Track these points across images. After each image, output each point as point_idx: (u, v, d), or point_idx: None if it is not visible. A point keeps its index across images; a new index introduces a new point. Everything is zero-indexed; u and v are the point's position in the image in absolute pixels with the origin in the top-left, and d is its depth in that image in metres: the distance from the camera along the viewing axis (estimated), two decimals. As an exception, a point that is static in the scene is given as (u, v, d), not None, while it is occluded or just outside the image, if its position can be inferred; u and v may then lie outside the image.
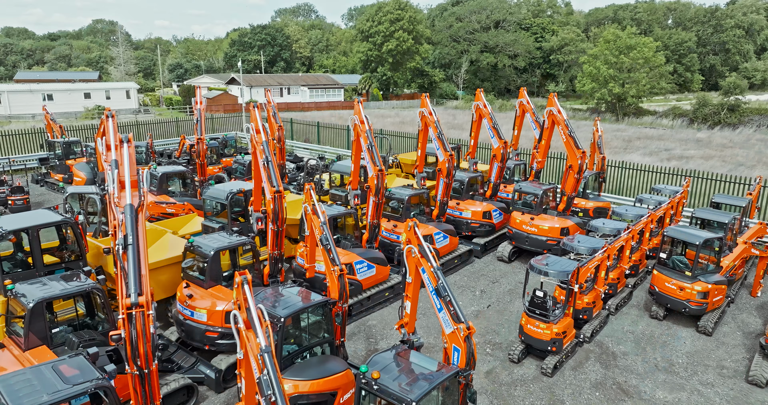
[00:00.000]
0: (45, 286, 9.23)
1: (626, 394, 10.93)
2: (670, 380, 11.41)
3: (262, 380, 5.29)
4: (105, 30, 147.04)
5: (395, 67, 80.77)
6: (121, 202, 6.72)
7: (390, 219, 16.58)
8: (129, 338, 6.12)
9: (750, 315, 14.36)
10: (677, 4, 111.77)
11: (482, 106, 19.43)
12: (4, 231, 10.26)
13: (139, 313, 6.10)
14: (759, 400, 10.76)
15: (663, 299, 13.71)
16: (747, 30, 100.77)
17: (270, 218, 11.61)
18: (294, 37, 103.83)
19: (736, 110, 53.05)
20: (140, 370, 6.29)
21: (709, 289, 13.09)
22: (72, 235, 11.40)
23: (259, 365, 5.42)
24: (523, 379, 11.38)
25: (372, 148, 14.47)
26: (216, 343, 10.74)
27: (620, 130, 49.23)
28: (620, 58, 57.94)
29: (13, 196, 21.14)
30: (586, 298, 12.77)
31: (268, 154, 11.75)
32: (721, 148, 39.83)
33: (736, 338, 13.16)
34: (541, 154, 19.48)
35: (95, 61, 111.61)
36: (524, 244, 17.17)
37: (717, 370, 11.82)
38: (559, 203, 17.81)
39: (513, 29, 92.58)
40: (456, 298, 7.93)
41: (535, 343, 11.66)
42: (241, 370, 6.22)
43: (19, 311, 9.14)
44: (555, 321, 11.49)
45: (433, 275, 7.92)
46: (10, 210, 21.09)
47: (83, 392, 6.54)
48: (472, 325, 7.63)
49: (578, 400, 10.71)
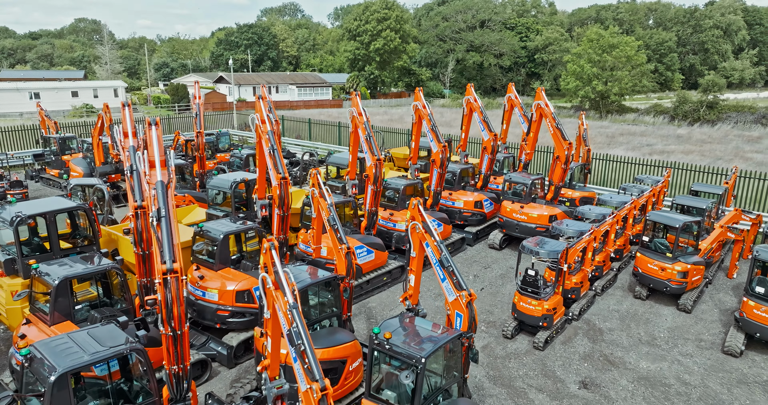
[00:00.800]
0: (67, 266, 9.72)
1: (612, 364, 11.72)
2: (653, 352, 12.23)
3: (293, 332, 5.91)
4: (88, 29, 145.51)
5: (382, 65, 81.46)
6: (152, 179, 7.27)
7: (386, 208, 17.22)
8: (164, 301, 6.69)
9: (726, 294, 15.27)
10: (658, 5, 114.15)
11: (473, 100, 20.18)
12: (24, 215, 10.71)
13: (174, 278, 6.67)
14: (734, 368, 11.62)
15: (646, 280, 14.55)
16: (725, 30, 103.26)
17: (276, 204, 12.18)
18: (281, 37, 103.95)
19: (714, 107, 54.69)
20: (173, 331, 6.86)
21: (688, 269, 13.96)
22: (86, 221, 11.86)
23: (288, 320, 6.03)
24: (516, 352, 12.12)
25: (370, 139, 15.11)
26: (227, 322, 11.29)
27: (604, 126, 50.45)
28: (603, 56, 59.32)
29: (12, 190, 21.38)
30: (575, 279, 13.54)
31: (274, 142, 12.34)
32: (700, 144, 41.15)
33: (713, 315, 14.05)
34: (529, 146, 20.30)
35: (78, 60, 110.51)
36: (514, 231, 17.95)
37: (695, 342, 12.67)
38: (547, 193, 18.62)
39: (498, 29, 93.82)
40: (458, 269, 8.62)
41: (527, 320, 12.40)
42: (267, 330, 6.82)
43: (43, 290, 9.62)
44: (546, 298, 12.24)
45: (436, 248, 8.60)
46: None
47: (120, 353, 7.11)
48: (473, 291, 8.33)
49: (568, 370, 11.47)
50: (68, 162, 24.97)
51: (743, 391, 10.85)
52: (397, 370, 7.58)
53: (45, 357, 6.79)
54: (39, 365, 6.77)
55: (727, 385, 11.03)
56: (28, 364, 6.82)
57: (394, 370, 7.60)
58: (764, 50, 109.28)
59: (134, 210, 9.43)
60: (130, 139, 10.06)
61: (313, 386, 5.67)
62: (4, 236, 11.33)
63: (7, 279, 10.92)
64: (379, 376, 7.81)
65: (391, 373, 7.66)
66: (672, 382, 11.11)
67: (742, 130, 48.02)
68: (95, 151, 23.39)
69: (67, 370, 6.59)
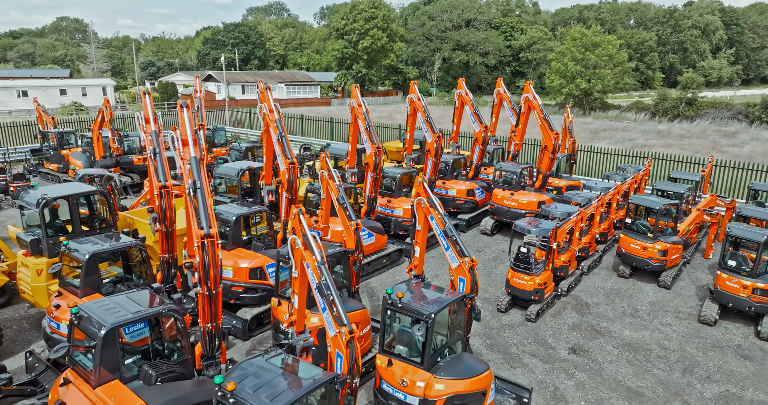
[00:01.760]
0: (95, 243, 10.39)
1: (599, 333, 12.70)
2: (635, 323, 13.24)
3: (322, 284, 6.71)
4: (70, 28, 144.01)
5: (370, 64, 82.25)
6: (186, 155, 8.00)
7: (384, 196, 18.06)
8: (202, 263, 7.43)
9: (703, 273, 16.38)
10: (638, 5, 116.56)
11: (464, 94, 21.10)
12: (49, 198, 11.35)
13: (210, 242, 7.42)
14: (709, 335, 12.67)
15: (629, 259, 15.59)
16: (703, 30, 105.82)
17: (284, 187, 12.94)
18: (267, 35, 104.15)
19: (693, 104, 56.45)
20: (209, 291, 7.61)
21: (667, 248, 15.02)
22: (104, 204, 12.52)
23: (317, 274, 6.83)
24: (510, 324, 13.05)
25: (370, 128, 15.93)
26: (241, 297, 12.05)
27: (587, 123, 51.81)
28: (586, 55, 60.82)
29: (15, 182, 21.80)
30: (563, 257, 14.50)
31: (282, 129, 13.11)
32: (680, 138, 42.64)
33: (690, 290, 15.13)
34: (518, 137, 21.29)
35: (61, 59, 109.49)
36: (505, 217, 18.90)
37: (674, 314, 13.72)
38: (535, 181, 19.62)
39: (483, 28, 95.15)
40: (460, 238, 9.50)
41: (520, 294, 13.34)
42: (294, 288, 7.61)
43: (73, 265, 10.28)
44: (537, 273, 13.18)
45: (440, 220, 9.46)
46: (12, 197, 21.76)
47: (159, 312, 7.85)
48: (474, 258, 9.21)
49: (558, 338, 12.42)
50: (67, 156, 25.39)
51: (717, 353, 11.89)
52: (408, 327, 8.42)
53: (93, 315, 7.50)
54: (87, 322, 7.48)
55: (702, 349, 12.07)
56: (78, 321, 7.52)
57: (406, 328, 8.44)
58: (741, 50, 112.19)
59: (158, 189, 10.15)
60: (152, 125, 10.76)
61: (341, 330, 6.49)
62: (29, 219, 11.94)
63: (33, 258, 11.54)
64: (391, 334, 8.64)
65: (402, 331, 8.50)
66: (653, 347, 12.11)
67: (720, 125, 49.73)
68: (95, 144, 23.88)
69: (115, 324, 7.32)
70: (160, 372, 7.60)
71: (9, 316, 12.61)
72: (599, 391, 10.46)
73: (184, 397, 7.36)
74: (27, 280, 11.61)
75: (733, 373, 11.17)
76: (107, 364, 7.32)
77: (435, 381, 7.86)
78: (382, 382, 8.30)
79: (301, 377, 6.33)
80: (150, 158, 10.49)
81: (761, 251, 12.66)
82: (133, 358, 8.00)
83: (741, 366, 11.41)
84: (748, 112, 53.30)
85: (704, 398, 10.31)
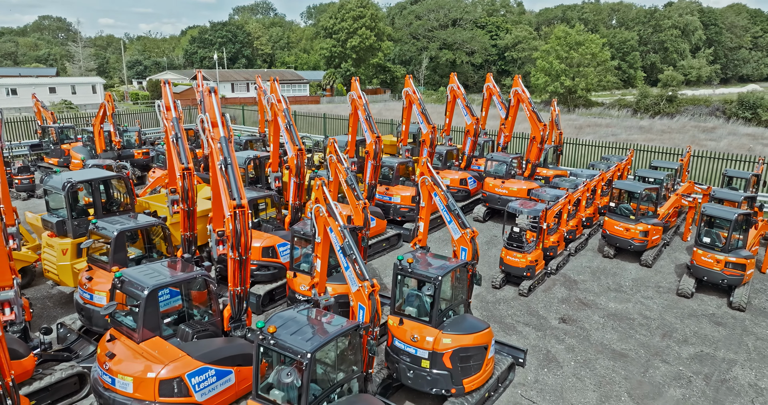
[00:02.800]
0: (121, 222, 11.15)
1: (586, 305, 13.75)
2: (619, 296, 14.32)
3: (345, 245, 7.59)
4: (53, 27, 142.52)
5: (358, 63, 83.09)
6: (216, 135, 8.81)
7: (382, 184, 18.95)
8: (234, 231, 8.26)
9: (681, 253, 17.55)
10: (620, 5, 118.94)
11: (456, 88, 22.09)
12: (74, 181, 12.07)
13: (241, 211, 8.25)
14: (686, 306, 13.79)
15: (613, 240, 16.69)
16: (683, 30, 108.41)
17: (293, 172, 13.78)
18: (255, 35, 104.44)
19: (673, 101, 58.27)
20: (240, 256, 8.45)
21: (649, 228, 16.14)
22: (123, 189, 13.25)
23: (340, 237, 7.72)
24: (504, 298, 14.04)
25: (370, 119, 16.81)
26: (254, 274, 12.84)
27: (572, 119, 53.21)
28: (570, 53, 62.36)
29: (20, 175, 22.29)
30: (552, 238, 15.54)
31: (290, 119, 13.94)
32: (660, 133, 44.18)
33: (670, 269, 16.26)
34: (507, 129, 22.33)
35: (44, 58, 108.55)
36: (497, 204, 19.92)
37: (655, 289, 14.82)
38: (525, 170, 20.68)
39: (470, 27, 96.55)
40: (462, 212, 10.45)
41: (513, 271, 14.34)
42: (317, 253, 8.48)
43: (100, 242, 11.03)
44: (529, 251, 14.19)
45: (443, 196, 10.39)
46: (17, 189, 22.26)
47: (195, 276, 8.68)
48: (475, 229, 10.14)
49: (549, 310, 13.44)
50: (67, 150, 25.89)
51: (693, 321, 13.00)
52: (416, 290, 9.34)
53: (134, 279, 8.30)
54: (129, 285, 8.27)
55: (680, 317, 13.17)
56: (121, 285, 8.31)
57: (415, 291, 9.35)
58: (719, 50, 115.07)
59: (181, 171, 10.95)
60: (173, 112, 11.54)
61: (364, 284, 7.38)
62: (53, 202, 12.63)
63: (58, 239, 12.24)
64: (401, 298, 9.55)
65: (411, 294, 9.41)
66: (635, 316, 13.19)
67: (698, 121, 51.50)
68: (97, 138, 24.44)
69: (156, 286, 8.13)
70: (195, 330, 8.44)
71: (32, 296, 13.28)
72: (587, 353, 11.48)
73: (218, 350, 8.20)
74: (52, 260, 12.31)
75: (707, 337, 12.27)
76: (149, 322, 8.13)
77: (442, 336, 8.79)
78: (394, 339, 9.20)
79: (329, 324, 7.21)
80: (172, 143, 11.27)
81: (732, 229, 13.81)
82: (169, 319, 8.81)
83: (714, 331, 12.52)
84: (725, 108, 55.19)
85: (681, 358, 11.38)
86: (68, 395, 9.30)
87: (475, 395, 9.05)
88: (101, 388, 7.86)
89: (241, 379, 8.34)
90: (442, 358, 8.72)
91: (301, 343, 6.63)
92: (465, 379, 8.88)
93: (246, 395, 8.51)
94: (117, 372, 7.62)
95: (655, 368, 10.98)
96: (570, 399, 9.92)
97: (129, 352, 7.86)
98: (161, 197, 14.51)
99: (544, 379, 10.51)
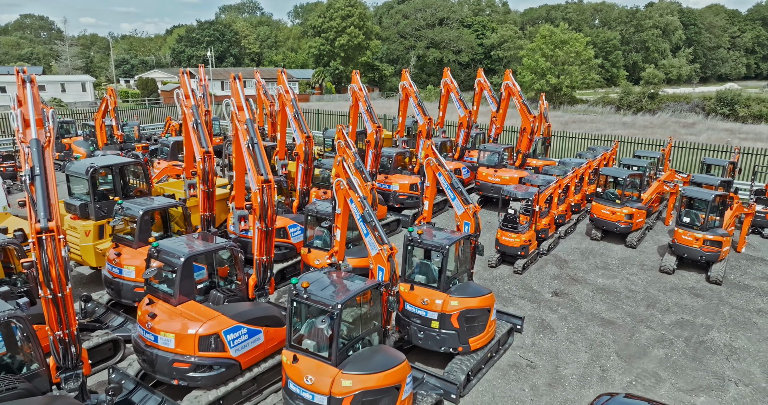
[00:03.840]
0: (145, 203, 11.87)
1: (576, 281, 14.77)
2: (607, 273, 15.37)
3: (365, 214, 8.45)
4: (35, 25, 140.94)
5: (347, 61, 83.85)
6: (242, 117, 9.60)
7: (380, 173, 19.81)
8: (261, 203, 9.06)
9: (663, 236, 18.69)
10: (603, 5, 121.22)
11: (449, 82, 23.04)
12: (97, 166, 12.76)
13: (268, 186, 9.06)
14: (668, 280, 14.87)
15: (599, 223, 17.75)
16: (663, 30, 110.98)
17: (301, 159, 14.59)
18: (242, 33, 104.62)
19: (655, 98, 60.04)
20: (266, 227, 9.25)
21: (633, 211, 17.23)
22: (141, 173, 13.95)
23: (360, 207, 8.57)
24: (500, 276, 15.00)
25: (370, 110, 17.67)
26: (267, 254, 13.63)
27: (558, 115, 54.56)
28: (555, 51, 63.86)
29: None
30: (544, 221, 16.54)
31: (297, 108, 14.75)
32: (643, 129, 45.66)
33: (653, 249, 17.37)
34: (498, 122, 23.34)
35: (27, 57, 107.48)
36: (489, 192, 20.91)
37: (639, 266, 15.90)
38: (515, 160, 21.70)
39: (456, 27, 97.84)
40: (465, 190, 11.37)
41: (508, 250, 15.30)
42: (337, 224, 9.33)
43: (126, 221, 11.74)
44: (523, 232, 15.17)
45: (447, 176, 11.29)
46: (21, 181, 22.70)
47: (224, 246, 9.46)
48: (477, 205, 11.06)
49: (542, 285, 14.43)
50: (68, 145, 26.36)
51: (674, 293, 14.08)
52: (423, 260, 10.23)
53: (170, 249, 9.07)
54: (165, 254, 9.03)
55: (662, 291, 14.24)
56: (157, 253, 9.07)
57: (423, 260, 10.24)
58: (698, 49, 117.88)
59: (202, 154, 11.72)
60: (191, 99, 12.30)
61: (383, 247, 8.24)
62: (75, 186, 13.29)
63: (81, 221, 12.91)
64: (410, 267, 10.43)
65: (420, 263, 10.30)
66: (621, 290, 14.23)
67: (679, 117, 53.20)
68: (98, 133, 24.97)
69: (192, 254, 8.91)
70: (226, 295, 9.24)
71: (54, 277, 13.90)
72: (579, 321, 12.48)
73: (249, 312, 9.01)
74: (75, 241, 12.97)
75: (687, 306, 13.35)
76: (185, 287, 8.90)
77: (450, 299, 9.69)
78: (405, 304, 10.08)
79: (352, 283, 8.06)
80: (192, 129, 12.02)
81: (710, 209, 14.93)
82: (200, 286, 9.59)
83: (694, 302, 13.61)
84: (704, 105, 57.04)
85: (664, 324, 12.43)
86: (103, 360, 10.04)
87: (480, 353, 9.96)
88: (143, 346, 8.62)
89: (268, 339, 9.16)
90: (450, 319, 9.62)
91: (331, 296, 7.47)
92: (471, 338, 9.79)
93: (273, 354, 9.35)
94: (160, 330, 8.39)
95: (640, 333, 12.01)
96: (564, 359, 10.89)
97: (168, 313, 8.63)
98: (176, 183, 15.23)
99: (540, 343, 11.47)
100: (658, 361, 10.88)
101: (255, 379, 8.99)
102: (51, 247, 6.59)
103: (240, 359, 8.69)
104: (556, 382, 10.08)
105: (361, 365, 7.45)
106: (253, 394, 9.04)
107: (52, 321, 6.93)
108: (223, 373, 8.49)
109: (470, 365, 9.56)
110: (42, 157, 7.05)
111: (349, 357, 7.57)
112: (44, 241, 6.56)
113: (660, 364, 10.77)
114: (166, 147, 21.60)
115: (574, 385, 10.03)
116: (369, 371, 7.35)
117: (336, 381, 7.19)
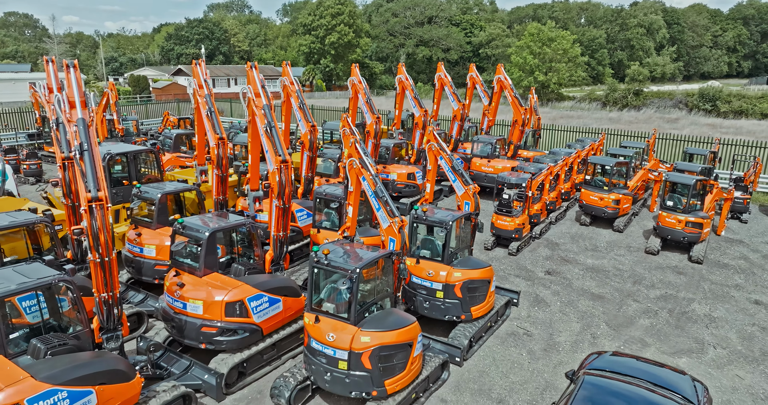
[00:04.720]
0: (162, 187, 12.51)
1: (567, 261, 15.65)
2: (596, 254, 16.28)
3: (377, 189, 9.20)
4: (19, 23, 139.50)
5: (337, 59, 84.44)
6: (260, 104, 10.28)
7: (378, 163, 20.57)
8: (279, 183, 9.76)
9: (648, 221, 19.67)
10: (588, 4, 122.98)
11: (443, 76, 23.83)
12: (113, 153, 13.36)
13: (285, 166, 9.77)
14: (653, 260, 15.82)
15: (588, 208, 18.68)
16: (648, 29, 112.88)
17: (306, 147, 15.28)
18: (232, 31, 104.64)
19: (640, 95, 61.50)
20: (283, 205, 9.96)
21: (620, 198, 18.17)
22: (151, 162, 14.57)
23: (372, 184, 9.33)
24: (496, 257, 15.85)
25: (370, 101, 18.40)
26: (275, 237, 14.31)
27: (546, 112, 55.67)
28: (543, 49, 65.06)
29: (27, 161, 23.16)
30: (536, 206, 17.42)
31: (302, 98, 15.44)
32: (628, 124, 46.89)
33: (639, 233, 18.34)
34: (491, 114, 24.21)
35: (12, 54, 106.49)
36: (483, 181, 21.72)
37: (626, 248, 16.84)
38: (507, 151, 22.57)
39: (445, 25, 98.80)
40: (465, 172, 12.16)
41: (503, 233, 16.15)
42: (350, 201, 10.07)
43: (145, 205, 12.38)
44: (517, 216, 16.02)
45: (448, 159, 12.08)
46: (25, 174, 23.13)
47: (243, 223, 10.16)
48: (476, 186, 11.87)
49: (536, 265, 15.30)
50: (68, 139, 26.71)
51: (658, 272, 15.02)
52: (428, 236, 11.01)
53: (194, 225, 9.75)
54: (190, 230, 9.71)
55: (648, 269, 15.18)
56: (182, 229, 9.74)
57: (428, 237, 11.03)
58: (682, 48, 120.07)
59: (216, 140, 12.39)
60: (205, 89, 12.94)
61: (395, 220, 9.00)
62: (91, 172, 13.85)
63: (97, 205, 13.49)
64: (416, 242, 11.21)
65: (425, 239, 11.08)
66: (610, 269, 15.15)
67: (663, 113, 54.61)
68: (99, 126, 25.38)
69: (214, 230, 9.61)
70: (247, 268, 9.93)
71: (70, 260, 14.47)
72: (570, 296, 13.35)
73: (268, 282, 9.71)
74: (92, 225, 13.54)
75: (671, 283, 14.29)
76: (209, 260, 9.59)
77: (454, 270, 10.48)
78: (412, 277, 10.85)
79: (367, 252, 8.81)
80: (206, 117, 12.67)
81: (691, 193, 15.90)
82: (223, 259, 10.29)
83: (677, 278, 14.56)
84: (687, 101, 58.56)
85: (649, 298, 13.35)
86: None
87: (481, 321, 10.77)
88: (173, 313, 9.30)
89: (287, 307, 9.88)
90: (453, 289, 10.42)
91: (349, 262, 8.23)
92: (473, 307, 10.60)
93: (290, 322, 10.08)
94: (189, 298, 9.08)
95: (627, 305, 12.91)
96: (558, 328, 11.75)
97: (195, 283, 9.32)
98: (187, 171, 15.86)
99: (536, 315, 12.32)
100: (644, 329, 11.77)
101: (275, 344, 9.71)
102: (100, 215, 7.20)
103: (262, 325, 9.40)
104: (551, 348, 10.93)
105: (377, 324, 8.21)
106: (273, 359, 9.76)
107: (99, 283, 7.44)
108: (246, 337, 9.20)
109: (472, 331, 10.37)
110: (88, 134, 7.67)
111: (365, 318, 8.32)
112: (94, 209, 7.18)
113: (646, 332, 11.67)
114: (169, 139, 22.16)
115: (567, 349, 10.88)
116: (385, 329, 8.11)
117: (356, 337, 7.94)
